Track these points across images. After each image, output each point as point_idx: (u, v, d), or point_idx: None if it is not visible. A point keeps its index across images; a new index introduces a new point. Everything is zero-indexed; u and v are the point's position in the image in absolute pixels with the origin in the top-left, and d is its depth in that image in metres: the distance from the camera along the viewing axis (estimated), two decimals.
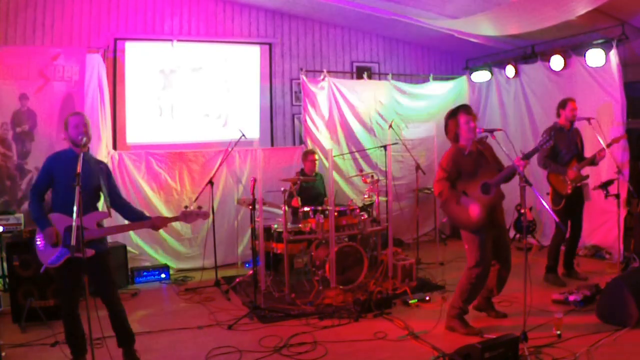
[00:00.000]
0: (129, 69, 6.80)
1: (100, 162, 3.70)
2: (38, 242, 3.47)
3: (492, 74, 7.99)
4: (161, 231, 6.50)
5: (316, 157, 6.55)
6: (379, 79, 8.24)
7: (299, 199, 5.83)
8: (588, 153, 5.48)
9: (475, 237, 4.10)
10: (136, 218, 3.70)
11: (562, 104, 5.45)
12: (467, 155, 4.14)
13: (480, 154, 4.19)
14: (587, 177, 5.39)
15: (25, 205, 5.98)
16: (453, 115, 4.20)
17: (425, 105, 8.06)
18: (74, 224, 2.99)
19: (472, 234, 4.11)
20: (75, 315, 3.52)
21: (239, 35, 7.50)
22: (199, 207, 3.78)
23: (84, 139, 3.43)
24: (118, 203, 3.69)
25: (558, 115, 5.49)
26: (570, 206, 5.38)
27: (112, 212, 3.62)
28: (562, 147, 5.37)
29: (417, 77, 8.48)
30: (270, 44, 7.68)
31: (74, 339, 3.53)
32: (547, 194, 5.50)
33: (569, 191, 5.30)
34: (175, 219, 3.76)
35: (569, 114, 5.38)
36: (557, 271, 5.50)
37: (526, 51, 7.49)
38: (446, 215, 4.25)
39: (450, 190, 4.07)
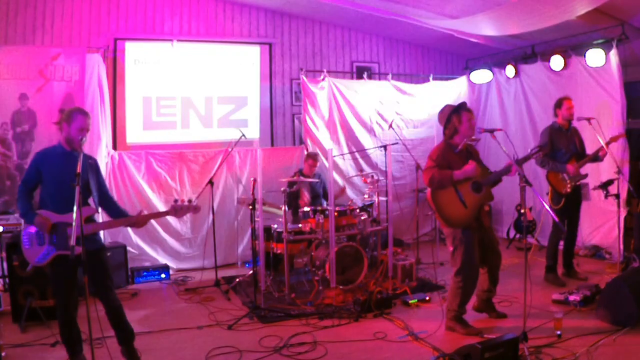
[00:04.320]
0: (129, 69, 6.80)
1: (90, 158, 3.63)
2: (24, 241, 3.40)
3: (492, 74, 7.99)
4: (161, 231, 6.55)
5: (316, 164, 6.47)
6: (379, 79, 8.23)
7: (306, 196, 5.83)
8: (589, 153, 5.48)
9: (462, 237, 4.09)
10: (120, 216, 3.62)
11: (558, 104, 5.46)
12: (457, 153, 4.17)
13: (469, 154, 4.26)
14: (586, 175, 5.39)
15: None
16: (456, 111, 4.22)
17: (425, 105, 8.06)
18: (73, 223, 2.98)
19: (459, 233, 4.09)
20: (71, 317, 3.48)
21: (239, 35, 7.50)
22: (189, 201, 3.68)
23: (83, 141, 3.40)
24: (105, 200, 3.64)
25: (555, 115, 5.51)
26: (568, 205, 5.39)
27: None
28: (561, 146, 5.38)
29: (417, 77, 8.48)
30: (270, 44, 7.68)
31: (69, 339, 3.52)
32: (547, 193, 5.50)
33: (569, 190, 5.30)
34: (165, 213, 3.66)
35: (566, 112, 5.39)
36: (557, 271, 5.51)
37: (526, 51, 7.49)
38: (434, 208, 4.13)
39: (440, 172, 4.04)
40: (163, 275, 6.17)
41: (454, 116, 4.22)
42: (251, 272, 5.68)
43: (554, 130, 5.42)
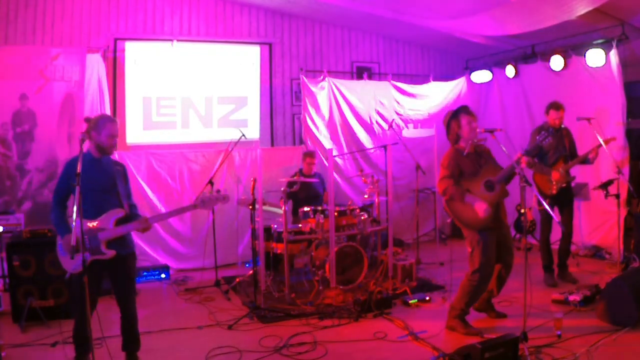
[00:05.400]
0: (129, 69, 6.80)
1: (118, 164, 3.68)
2: (59, 248, 3.45)
3: (492, 74, 7.99)
4: (161, 231, 6.55)
5: (314, 160, 6.44)
6: (379, 79, 8.24)
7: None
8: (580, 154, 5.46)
9: (479, 239, 4.09)
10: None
11: (546, 110, 5.47)
12: (466, 156, 4.17)
13: (478, 155, 4.26)
14: (573, 178, 5.38)
15: (25, 205, 5.99)
16: (454, 116, 4.22)
17: (425, 106, 8.07)
18: (79, 228, 2.98)
19: (477, 235, 4.10)
20: (88, 319, 3.49)
21: (239, 35, 7.50)
22: (217, 191, 3.66)
23: (113, 150, 3.53)
24: (126, 204, 3.65)
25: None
26: (557, 206, 5.36)
27: None
28: (549, 147, 5.35)
29: (417, 77, 8.48)
30: (270, 44, 7.68)
31: (82, 339, 3.52)
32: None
33: (554, 192, 5.30)
34: (192, 207, 3.65)
35: (551, 122, 5.41)
36: (552, 270, 5.48)
37: (526, 51, 7.50)
38: (451, 213, 4.22)
39: (454, 187, 4.08)
40: (163, 275, 6.17)
41: (453, 122, 4.23)
42: (251, 272, 5.69)
43: (543, 130, 5.41)
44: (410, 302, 4.95)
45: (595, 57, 6.24)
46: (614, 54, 6.13)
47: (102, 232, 3.35)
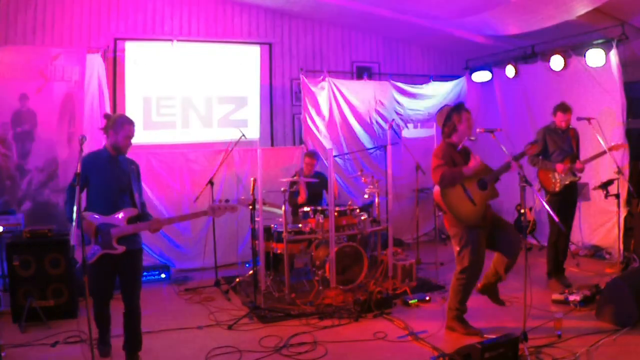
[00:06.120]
0: (129, 69, 6.80)
1: (133, 162, 3.76)
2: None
3: (492, 74, 7.99)
4: (161, 231, 6.53)
5: (313, 162, 6.37)
6: (379, 79, 8.24)
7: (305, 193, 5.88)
8: (588, 154, 5.45)
9: (468, 237, 4.09)
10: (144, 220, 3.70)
11: (554, 111, 5.43)
12: (459, 152, 4.19)
13: (468, 153, 4.28)
14: (578, 178, 5.37)
15: (25, 205, 5.98)
16: (457, 110, 4.24)
17: (425, 105, 8.07)
18: (74, 224, 2.99)
19: (465, 233, 4.09)
20: (103, 308, 3.57)
21: (239, 35, 7.50)
22: (226, 201, 3.78)
23: (128, 150, 3.64)
24: (138, 203, 3.73)
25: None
26: (560, 206, 5.30)
27: None
28: (554, 147, 5.34)
29: (417, 77, 8.48)
30: (270, 44, 7.69)
31: (98, 322, 3.59)
32: (538, 190, 5.46)
33: (557, 189, 5.27)
34: (203, 213, 3.78)
35: (558, 123, 5.39)
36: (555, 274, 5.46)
37: (526, 51, 7.49)
38: (445, 206, 4.12)
39: (450, 169, 4.05)
40: (163, 275, 6.17)
41: (455, 114, 4.23)
42: (251, 272, 5.69)
43: (549, 130, 5.39)
44: (410, 302, 4.95)
45: (595, 57, 6.24)
46: (614, 54, 6.13)
47: (114, 228, 3.45)
